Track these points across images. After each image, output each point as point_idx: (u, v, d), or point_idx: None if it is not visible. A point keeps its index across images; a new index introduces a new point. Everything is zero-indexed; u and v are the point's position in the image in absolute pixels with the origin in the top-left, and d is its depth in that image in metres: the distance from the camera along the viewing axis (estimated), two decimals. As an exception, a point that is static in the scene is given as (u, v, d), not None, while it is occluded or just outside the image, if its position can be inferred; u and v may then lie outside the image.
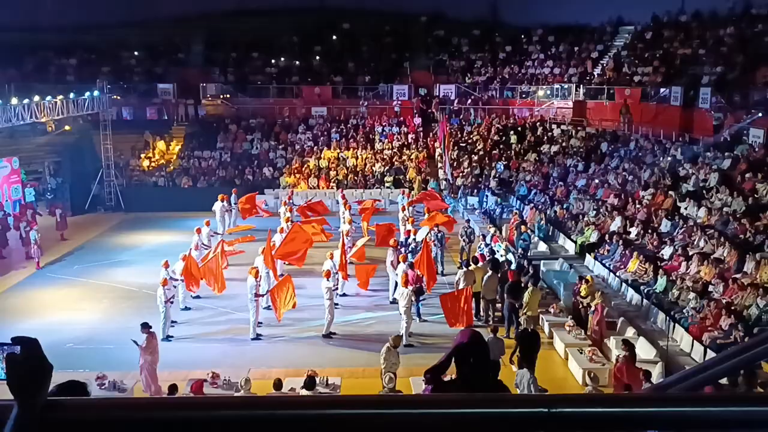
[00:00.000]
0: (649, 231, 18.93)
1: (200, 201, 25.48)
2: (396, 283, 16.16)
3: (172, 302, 15.12)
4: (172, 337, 14.82)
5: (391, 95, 37.05)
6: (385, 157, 32.06)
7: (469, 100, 36.68)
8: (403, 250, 17.94)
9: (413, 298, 14.91)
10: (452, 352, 3.03)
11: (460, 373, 2.98)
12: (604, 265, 18.51)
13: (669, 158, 24.04)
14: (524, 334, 12.44)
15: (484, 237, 20.13)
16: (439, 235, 19.65)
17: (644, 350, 12.88)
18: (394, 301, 16.25)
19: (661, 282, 15.74)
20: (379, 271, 17.71)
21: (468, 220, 22.04)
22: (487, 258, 17.30)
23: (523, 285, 15.09)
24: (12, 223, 23.71)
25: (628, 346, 11.54)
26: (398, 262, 16.20)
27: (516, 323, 14.98)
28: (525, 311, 14.37)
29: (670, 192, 20.84)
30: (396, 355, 11.64)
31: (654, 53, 33.35)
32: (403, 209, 23.21)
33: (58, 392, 2.67)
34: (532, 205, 25.42)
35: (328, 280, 14.95)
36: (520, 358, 11.82)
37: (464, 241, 20.43)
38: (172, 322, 15.27)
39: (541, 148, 31.76)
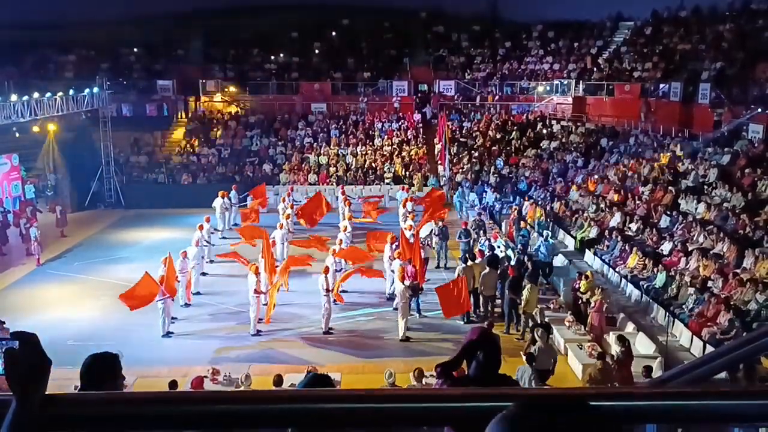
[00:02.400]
0: (649, 226, 18.94)
1: (200, 197, 25.51)
2: (393, 278, 16.15)
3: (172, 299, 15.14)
4: (172, 333, 14.84)
5: (391, 91, 37.00)
6: (384, 153, 32.04)
7: (496, 97, 36.50)
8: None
9: (411, 294, 14.90)
10: (464, 348, 3.04)
11: (470, 369, 3.00)
12: (603, 260, 18.51)
13: (668, 154, 24.03)
14: (543, 324, 12.71)
15: (485, 233, 20.13)
16: (444, 229, 19.66)
17: (644, 346, 12.90)
18: (392, 297, 16.25)
19: (661, 277, 15.73)
20: (378, 267, 17.71)
21: (480, 213, 22.07)
22: (486, 254, 17.29)
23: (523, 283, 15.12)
24: (12, 220, 23.68)
25: (625, 345, 11.30)
26: (395, 258, 16.18)
27: (516, 319, 15.01)
28: (524, 308, 14.41)
29: (670, 188, 20.84)
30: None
31: (653, 49, 33.32)
32: (404, 205, 23.18)
33: (92, 362, 2.72)
34: (531, 200, 25.39)
35: (326, 276, 14.94)
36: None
37: (475, 234, 20.43)
38: (173, 318, 15.30)
39: (541, 144, 31.76)
